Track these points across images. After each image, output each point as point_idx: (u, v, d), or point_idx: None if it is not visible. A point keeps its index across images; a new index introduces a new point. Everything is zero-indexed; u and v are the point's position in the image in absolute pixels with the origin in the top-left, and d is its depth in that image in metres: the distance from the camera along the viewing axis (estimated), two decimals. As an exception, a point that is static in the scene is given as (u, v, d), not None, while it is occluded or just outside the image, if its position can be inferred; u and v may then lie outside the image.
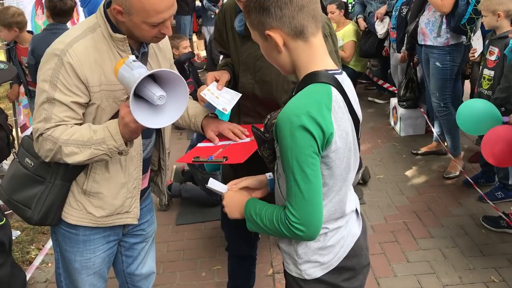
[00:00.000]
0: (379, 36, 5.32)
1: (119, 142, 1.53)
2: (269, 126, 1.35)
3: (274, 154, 1.36)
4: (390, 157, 4.44)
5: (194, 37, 8.47)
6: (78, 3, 5.16)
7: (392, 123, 5.20)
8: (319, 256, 1.35)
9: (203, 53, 7.72)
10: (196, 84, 5.24)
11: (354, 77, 5.80)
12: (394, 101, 5.06)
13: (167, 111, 1.49)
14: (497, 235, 3.18)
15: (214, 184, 1.49)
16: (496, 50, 3.26)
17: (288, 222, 1.24)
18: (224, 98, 1.82)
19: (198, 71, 6.11)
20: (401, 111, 4.88)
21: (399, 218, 3.46)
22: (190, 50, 5.53)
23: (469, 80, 4.64)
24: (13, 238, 3.06)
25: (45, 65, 1.57)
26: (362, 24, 5.67)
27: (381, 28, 5.25)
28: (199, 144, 1.90)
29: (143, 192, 1.89)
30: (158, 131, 1.86)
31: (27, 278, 2.88)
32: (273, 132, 1.27)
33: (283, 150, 1.21)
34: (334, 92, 1.24)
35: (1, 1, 3.57)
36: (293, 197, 1.22)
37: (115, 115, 1.61)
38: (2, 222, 1.22)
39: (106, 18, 1.61)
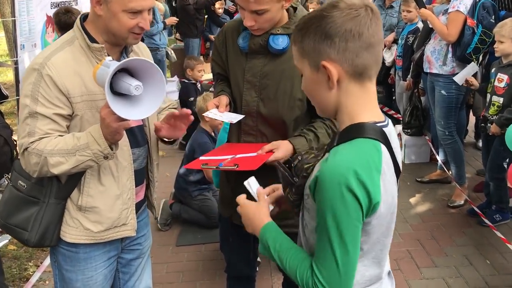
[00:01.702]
0: (386, 64, 5.35)
1: (103, 145, 1.53)
2: (299, 169, 1.23)
3: (300, 200, 1.24)
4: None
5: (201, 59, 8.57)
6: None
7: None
8: None
9: (209, 76, 7.80)
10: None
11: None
12: (398, 128, 5.06)
13: (145, 102, 1.49)
14: (502, 265, 3.12)
15: (251, 184, 1.39)
16: (505, 77, 3.34)
17: (314, 285, 1.11)
18: (228, 116, 1.82)
19: (206, 92, 6.16)
20: (405, 138, 4.87)
21: (403, 246, 3.41)
22: (204, 73, 5.63)
23: (471, 109, 4.66)
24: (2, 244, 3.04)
25: (26, 81, 1.59)
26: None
27: (388, 56, 5.29)
28: (201, 158, 1.88)
29: (139, 206, 1.88)
30: (146, 143, 1.84)
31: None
32: (311, 186, 1.14)
33: (322, 210, 1.08)
34: (384, 150, 1.11)
35: (13, 18, 3.63)
36: (325, 263, 1.09)
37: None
38: None
39: (84, 30, 1.63)
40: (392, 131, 1.19)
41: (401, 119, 5.12)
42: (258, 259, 3.00)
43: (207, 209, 3.60)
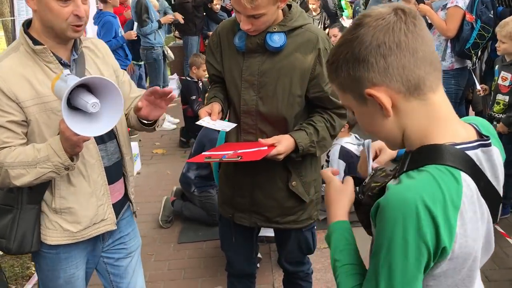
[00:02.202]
0: None
1: (63, 157, 1.54)
2: (367, 188, 1.09)
3: (368, 219, 1.03)
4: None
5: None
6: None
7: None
8: None
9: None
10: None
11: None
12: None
13: (104, 118, 1.49)
14: (502, 260, 3.13)
15: (369, 150, 1.22)
16: (509, 75, 3.36)
17: None
18: (220, 124, 1.82)
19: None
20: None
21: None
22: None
23: (470, 104, 4.68)
24: None
25: None
26: None
27: None
28: (204, 153, 1.89)
29: (121, 203, 1.88)
30: (114, 137, 1.82)
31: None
32: (372, 212, 0.95)
33: (379, 241, 0.91)
34: (466, 181, 0.89)
35: (12, 18, 3.64)
36: None
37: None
38: None
39: (28, 35, 1.62)
40: (489, 152, 0.95)
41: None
42: (259, 255, 3.01)
43: (210, 206, 3.61)
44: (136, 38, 5.81)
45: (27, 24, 1.66)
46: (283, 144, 1.79)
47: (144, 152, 5.28)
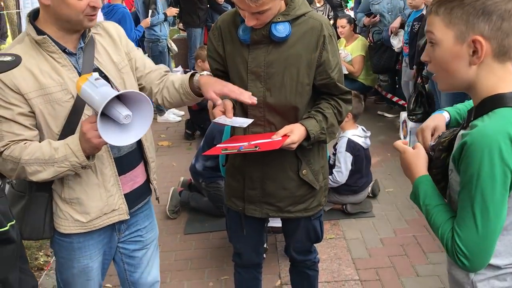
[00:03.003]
0: (396, 50, 5.31)
1: (81, 158, 1.55)
2: (437, 144, 1.28)
3: (442, 174, 1.27)
4: (399, 170, 4.37)
5: (205, 50, 8.57)
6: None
7: (402, 137, 5.17)
8: None
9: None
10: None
11: (364, 91, 5.80)
12: (404, 114, 5.05)
13: (132, 127, 1.49)
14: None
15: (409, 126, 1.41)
16: None
17: (453, 247, 1.15)
18: (237, 121, 1.81)
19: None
20: (410, 124, 4.86)
21: (409, 231, 3.43)
22: None
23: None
24: None
25: None
26: (367, 20, 5.68)
27: (397, 42, 5.25)
28: (220, 145, 1.88)
29: (138, 194, 1.87)
30: None
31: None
32: (455, 155, 1.16)
33: (468, 175, 1.10)
34: None
35: (18, 10, 3.64)
36: (466, 228, 1.13)
37: (70, 121, 1.62)
38: (5, 229, 1.25)
39: (33, 25, 1.62)
40: None
41: (405, 105, 5.12)
42: (265, 245, 3.03)
43: (217, 197, 3.61)
44: (177, 13, 5.85)
45: (34, 15, 1.66)
46: (295, 133, 1.79)
47: (150, 144, 5.29)
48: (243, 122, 1.82)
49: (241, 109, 1.93)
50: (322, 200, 2.10)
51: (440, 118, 1.45)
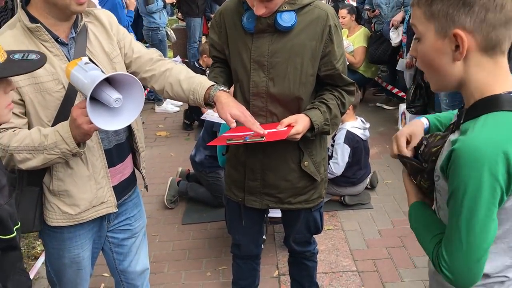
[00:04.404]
0: (393, 44, 5.28)
1: (71, 145, 1.52)
2: (427, 154, 1.19)
3: (432, 185, 1.21)
4: (398, 162, 4.38)
5: (204, 40, 8.50)
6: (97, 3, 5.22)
7: (401, 129, 5.16)
8: None
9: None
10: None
11: (364, 83, 5.78)
12: (403, 106, 5.04)
13: (123, 111, 1.46)
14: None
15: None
16: None
17: (438, 261, 1.10)
18: None
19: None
20: (409, 116, 4.86)
21: (407, 223, 3.36)
22: None
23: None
24: None
25: None
26: (368, 13, 5.67)
27: (396, 37, 5.20)
28: (225, 134, 1.85)
29: (125, 185, 1.87)
30: None
31: (33, 274, 2.89)
32: (443, 165, 1.08)
33: (455, 188, 1.03)
34: None
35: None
36: (451, 242, 1.07)
37: (61, 112, 1.59)
38: (13, 235, 1.25)
39: (26, 12, 1.58)
40: None
41: (405, 97, 5.10)
42: (264, 236, 3.03)
43: (216, 188, 3.60)
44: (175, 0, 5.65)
45: (26, 0, 1.62)
46: (300, 123, 1.78)
47: (148, 135, 5.27)
48: None
49: (242, 98, 1.91)
50: (323, 192, 2.09)
51: (417, 124, 1.38)
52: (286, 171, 1.95)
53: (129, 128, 1.82)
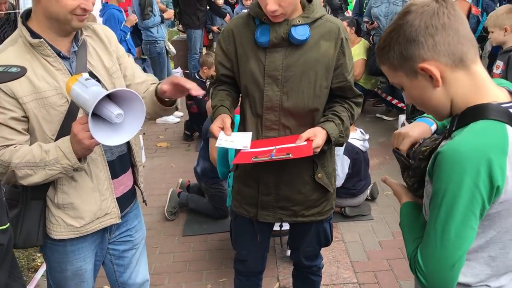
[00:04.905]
0: None
1: (73, 160, 1.53)
2: (417, 152, 1.23)
3: (419, 183, 1.24)
4: (398, 173, 4.35)
5: (204, 51, 8.56)
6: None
7: (407, 126, 5.16)
8: None
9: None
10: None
11: (364, 94, 5.79)
12: (402, 117, 5.06)
13: (124, 126, 1.47)
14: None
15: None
16: (501, 63, 3.37)
17: (414, 264, 1.12)
18: (238, 139, 1.79)
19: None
20: (409, 128, 4.87)
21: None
22: None
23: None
24: None
25: None
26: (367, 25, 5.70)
27: None
28: (247, 150, 1.80)
29: (128, 197, 1.88)
30: None
31: (33, 286, 2.88)
32: (429, 169, 1.11)
33: (436, 191, 1.06)
34: (511, 132, 1.04)
35: (18, 11, 3.64)
36: (426, 246, 1.09)
37: (64, 126, 1.59)
38: (5, 227, 1.24)
39: (26, 27, 1.59)
40: None
41: (404, 108, 5.13)
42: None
43: (218, 200, 3.59)
44: (136, 21, 5.70)
45: (26, 15, 1.63)
46: (319, 137, 1.77)
47: (148, 146, 5.29)
48: (243, 139, 1.79)
49: (253, 112, 1.90)
50: (333, 203, 2.09)
51: (425, 130, 1.42)
52: (300, 184, 1.95)
53: (127, 142, 1.83)
